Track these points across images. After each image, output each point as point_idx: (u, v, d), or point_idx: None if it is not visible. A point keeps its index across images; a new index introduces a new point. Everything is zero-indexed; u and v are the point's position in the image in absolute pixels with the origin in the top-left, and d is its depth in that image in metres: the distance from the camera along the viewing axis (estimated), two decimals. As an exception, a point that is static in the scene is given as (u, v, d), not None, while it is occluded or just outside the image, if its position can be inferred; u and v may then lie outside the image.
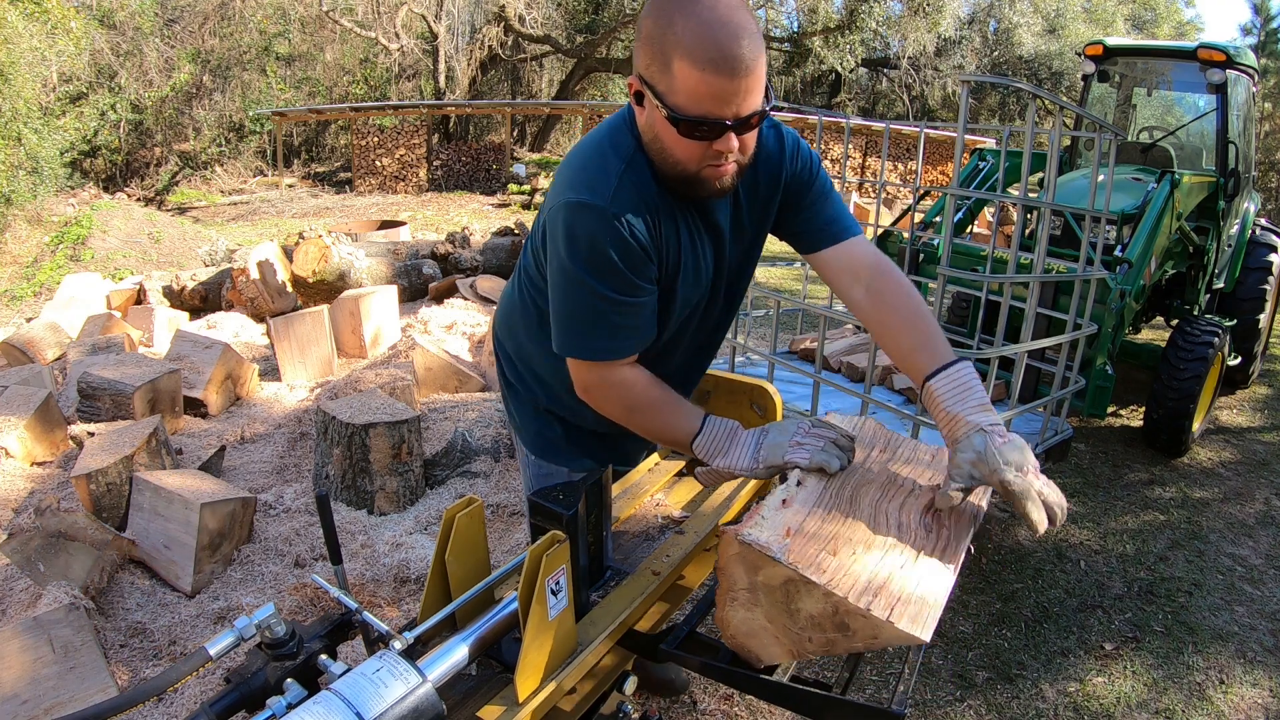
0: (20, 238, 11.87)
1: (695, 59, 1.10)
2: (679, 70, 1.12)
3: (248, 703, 0.99)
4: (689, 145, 1.18)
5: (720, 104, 1.13)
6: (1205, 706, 2.58)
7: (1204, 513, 3.90)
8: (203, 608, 2.74)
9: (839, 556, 1.08)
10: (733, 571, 1.13)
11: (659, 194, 1.29)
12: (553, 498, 1.20)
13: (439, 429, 4.21)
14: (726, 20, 1.10)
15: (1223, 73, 4.57)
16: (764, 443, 1.29)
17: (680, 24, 1.11)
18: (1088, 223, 3.04)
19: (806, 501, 1.17)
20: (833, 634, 1.07)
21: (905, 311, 1.39)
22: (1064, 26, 20.40)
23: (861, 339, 4.13)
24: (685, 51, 1.10)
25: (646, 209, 1.27)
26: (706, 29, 1.10)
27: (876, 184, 4.47)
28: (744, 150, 1.22)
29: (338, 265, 6.36)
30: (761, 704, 2.41)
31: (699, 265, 1.38)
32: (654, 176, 1.29)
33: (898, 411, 2.73)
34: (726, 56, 1.10)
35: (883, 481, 1.26)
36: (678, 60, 1.12)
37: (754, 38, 1.12)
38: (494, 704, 1.04)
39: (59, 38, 12.79)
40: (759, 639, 1.15)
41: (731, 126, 1.15)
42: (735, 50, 1.10)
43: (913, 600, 1.04)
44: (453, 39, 20.02)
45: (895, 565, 1.09)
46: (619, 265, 1.25)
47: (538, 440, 1.67)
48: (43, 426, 3.76)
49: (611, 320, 1.30)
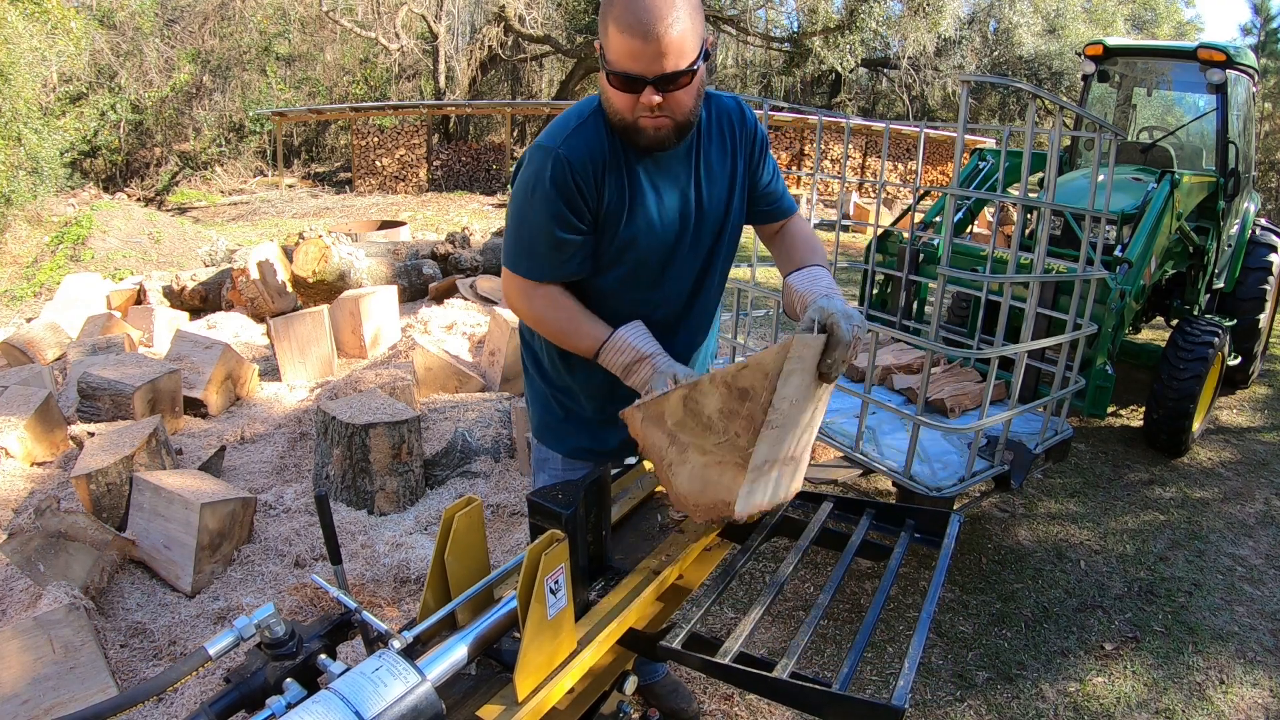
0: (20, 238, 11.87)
1: (620, 24, 1.33)
2: (610, 33, 1.36)
3: (247, 702, 0.99)
4: (621, 97, 1.41)
5: (640, 62, 1.34)
6: (1205, 706, 2.58)
7: (1204, 513, 3.90)
8: (203, 608, 2.74)
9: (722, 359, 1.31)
10: (652, 438, 1.33)
11: (611, 148, 1.50)
12: (552, 497, 1.21)
13: (439, 429, 4.22)
14: None
15: (1223, 73, 4.56)
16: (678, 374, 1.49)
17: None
18: (1088, 223, 3.04)
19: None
20: (741, 407, 1.22)
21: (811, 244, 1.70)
22: (1064, 26, 20.39)
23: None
24: (615, 18, 1.34)
25: (593, 157, 1.48)
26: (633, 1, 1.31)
27: (876, 184, 4.47)
28: (674, 107, 1.41)
29: (338, 265, 6.35)
30: (762, 704, 2.41)
31: (659, 212, 1.56)
32: (609, 132, 1.50)
33: (898, 411, 2.73)
34: (644, 22, 1.31)
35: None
36: (610, 24, 1.35)
37: (677, 8, 1.32)
38: (493, 703, 1.04)
39: (59, 38, 12.77)
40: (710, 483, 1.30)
41: (651, 82, 1.36)
42: (651, 18, 1.31)
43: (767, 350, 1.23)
44: (453, 39, 20.02)
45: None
46: (555, 197, 1.48)
47: (539, 423, 1.85)
48: (43, 426, 3.76)
49: (539, 244, 1.53)
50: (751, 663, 1.19)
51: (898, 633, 2.83)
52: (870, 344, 2.86)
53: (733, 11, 20.14)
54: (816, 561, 3.18)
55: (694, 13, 1.35)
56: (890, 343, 4.10)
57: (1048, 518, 3.75)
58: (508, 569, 1.26)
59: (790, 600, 2.96)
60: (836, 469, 3.67)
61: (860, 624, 1.23)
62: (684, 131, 1.47)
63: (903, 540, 1.46)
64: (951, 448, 3.05)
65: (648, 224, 1.56)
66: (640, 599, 1.27)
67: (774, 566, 3.10)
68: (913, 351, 3.95)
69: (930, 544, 1.48)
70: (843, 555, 1.42)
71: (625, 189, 1.52)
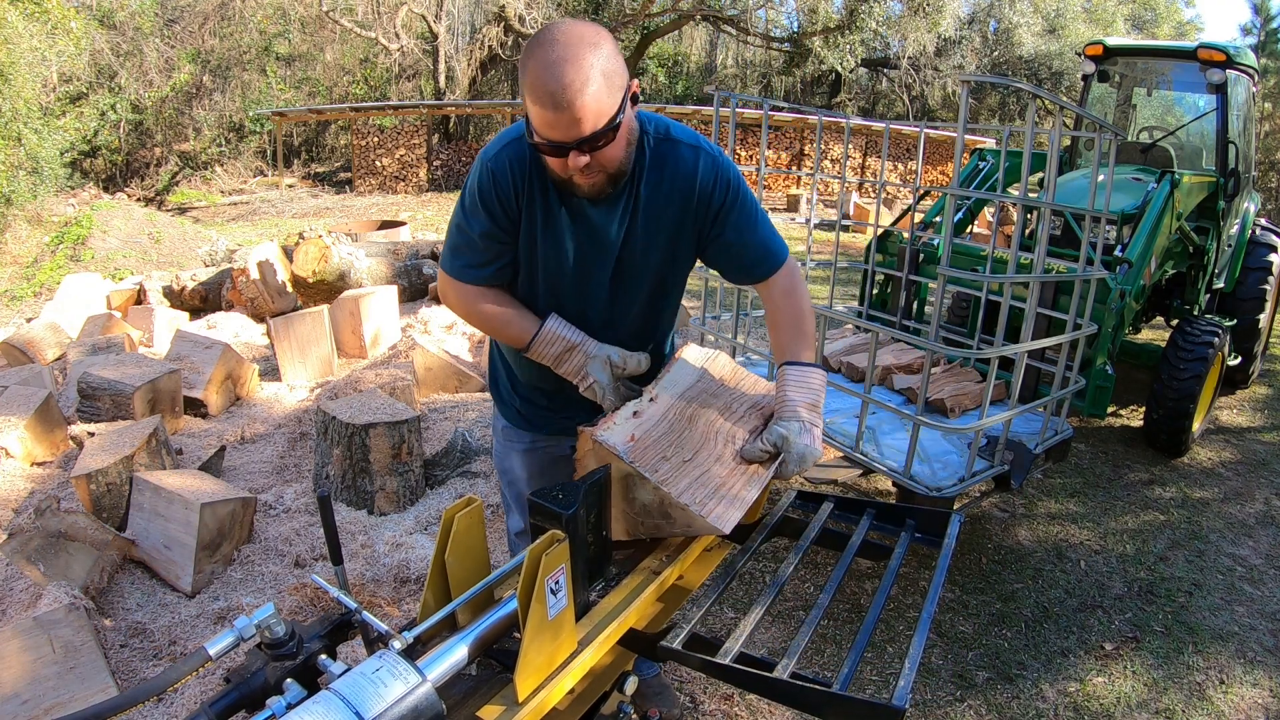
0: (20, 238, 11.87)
1: (534, 96, 1.32)
2: (527, 102, 1.35)
3: (247, 702, 0.99)
4: (551, 159, 1.41)
5: (558, 130, 1.33)
6: (1205, 706, 2.58)
7: (1204, 513, 3.90)
8: (203, 608, 2.74)
9: (670, 462, 1.36)
10: (588, 463, 1.41)
11: (533, 174, 1.52)
12: (552, 498, 1.22)
13: (439, 429, 4.22)
14: (560, 60, 1.29)
15: (1223, 73, 4.56)
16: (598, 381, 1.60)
17: (527, 66, 1.32)
18: (1088, 223, 3.04)
19: (653, 416, 1.44)
20: (659, 520, 1.36)
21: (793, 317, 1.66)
22: (1064, 26, 20.40)
23: (861, 339, 4.13)
24: (528, 89, 1.33)
25: (514, 175, 1.51)
26: (541, 70, 1.30)
27: (876, 184, 4.47)
28: (604, 163, 1.40)
29: (338, 265, 6.35)
30: (762, 704, 2.41)
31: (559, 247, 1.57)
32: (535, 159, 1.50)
33: (898, 411, 2.72)
34: (555, 93, 1.30)
35: (719, 406, 1.53)
36: (525, 95, 1.35)
37: (585, 72, 1.29)
38: (494, 704, 1.04)
39: (59, 38, 12.77)
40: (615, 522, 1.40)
41: (572, 147, 1.35)
42: (561, 88, 1.29)
43: (721, 503, 1.32)
44: (453, 39, 20.01)
45: (713, 477, 1.37)
46: (478, 203, 1.53)
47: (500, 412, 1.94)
48: (43, 426, 3.76)
49: (462, 246, 1.60)
50: (752, 663, 1.19)
51: (898, 633, 2.82)
52: (870, 344, 2.86)
53: (733, 11, 20.13)
54: (816, 561, 3.18)
55: (608, 69, 1.32)
56: (890, 343, 4.11)
57: (1048, 518, 3.75)
58: (508, 569, 1.26)
59: (790, 600, 2.96)
60: (836, 469, 3.67)
61: (860, 624, 1.23)
62: (618, 179, 1.47)
63: (903, 540, 1.46)
64: (951, 448, 3.05)
65: (547, 250, 1.57)
66: (640, 599, 1.27)
67: (774, 566, 3.10)
68: (913, 351, 3.95)
69: (930, 544, 1.48)
70: (843, 555, 1.42)
71: (540, 219, 1.55)
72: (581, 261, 1.59)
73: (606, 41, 1.35)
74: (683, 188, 1.55)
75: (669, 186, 1.55)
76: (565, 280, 1.61)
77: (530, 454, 1.91)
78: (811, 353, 1.63)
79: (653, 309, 1.72)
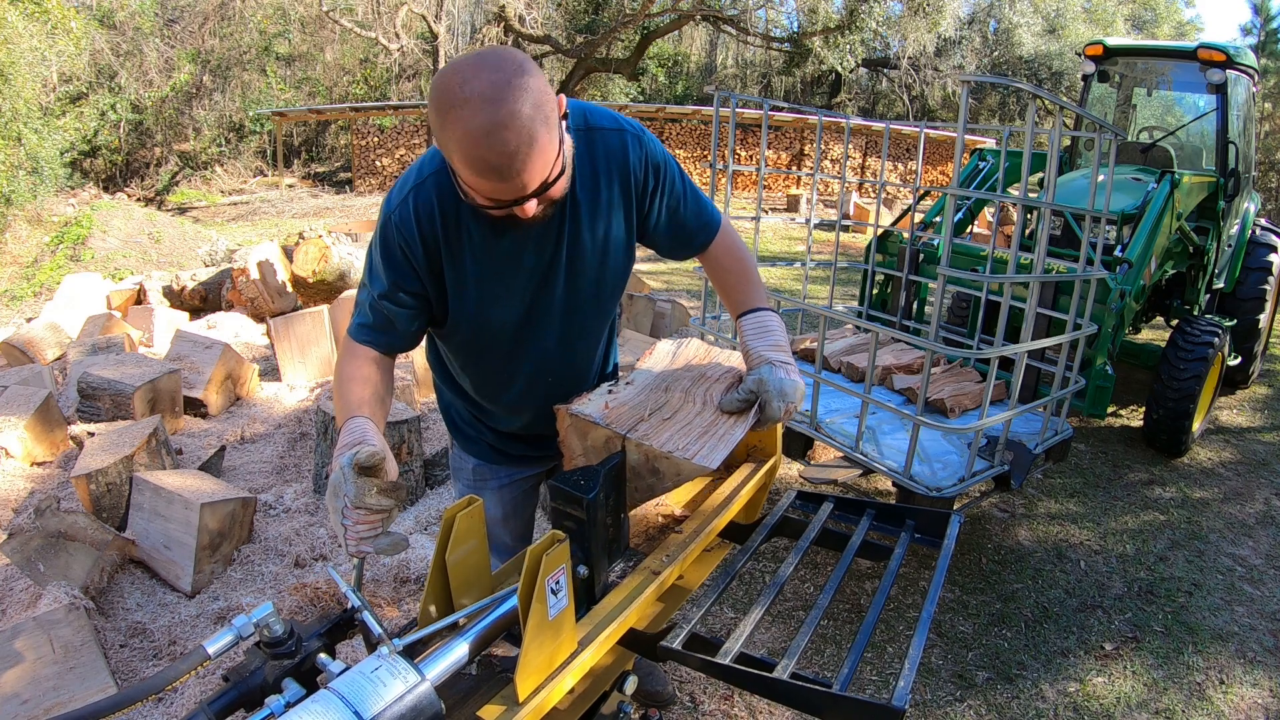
0: (20, 238, 11.87)
1: (469, 166, 1.16)
2: (459, 167, 1.19)
3: (246, 701, 0.99)
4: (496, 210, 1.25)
5: (499, 194, 1.20)
6: (1205, 706, 2.58)
7: (1204, 513, 3.90)
8: (203, 608, 2.73)
9: (648, 422, 1.35)
10: (570, 442, 1.42)
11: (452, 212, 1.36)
12: (573, 482, 1.25)
13: (439, 429, 4.22)
14: (493, 126, 1.12)
15: (1223, 73, 4.56)
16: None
17: (449, 131, 1.14)
18: (1088, 223, 3.04)
19: (629, 393, 1.45)
20: (650, 480, 1.35)
21: (737, 270, 1.64)
22: (1064, 26, 20.40)
23: (861, 339, 4.13)
24: (458, 158, 1.17)
25: (422, 224, 1.35)
26: (470, 140, 1.13)
27: (876, 184, 4.47)
28: (552, 197, 1.27)
29: (338, 265, 6.35)
30: (761, 704, 2.41)
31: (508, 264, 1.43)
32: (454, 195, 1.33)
33: (898, 411, 2.72)
34: (497, 166, 1.15)
35: (694, 375, 1.54)
36: (455, 161, 1.18)
37: (524, 129, 1.13)
38: (494, 704, 1.04)
39: (59, 38, 12.77)
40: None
41: (516, 203, 1.22)
42: (502, 161, 1.14)
43: (705, 444, 1.30)
44: (453, 39, 20.01)
45: (694, 427, 1.36)
46: (381, 263, 1.40)
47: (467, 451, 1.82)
48: (43, 426, 3.76)
49: (365, 306, 1.45)
50: (751, 663, 1.19)
51: (898, 633, 2.82)
52: (870, 344, 2.86)
53: (733, 11, 20.13)
54: (816, 561, 3.18)
55: (539, 103, 1.15)
56: (890, 343, 4.10)
57: (1048, 518, 3.75)
58: (507, 569, 1.26)
59: (790, 600, 2.96)
60: (836, 469, 3.67)
61: (860, 624, 1.23)
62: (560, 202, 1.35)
63: (903, 540, 1.46)
64: (951, 448, 3.05)
65: (510, 273, 1.44)
66: (640, 599, 1.27)
67: (774, 566, 3.10)
68: (913, 351, 3.95)
69: (930, 544, 1.48)
70: (843, 555, 1.42)
71: (479, 246, 1.40)
72: (532, 273, 1.46)
73: (525, 65, 1.16)
74: (615, 173, 1.46)
75: (604, 176, 1.45)
76: (516, 301, 1.47)
77: (506, 490, 1.82)
78: (762, 297, 1.60)
79: (603, 312, 1.61)
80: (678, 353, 1.65)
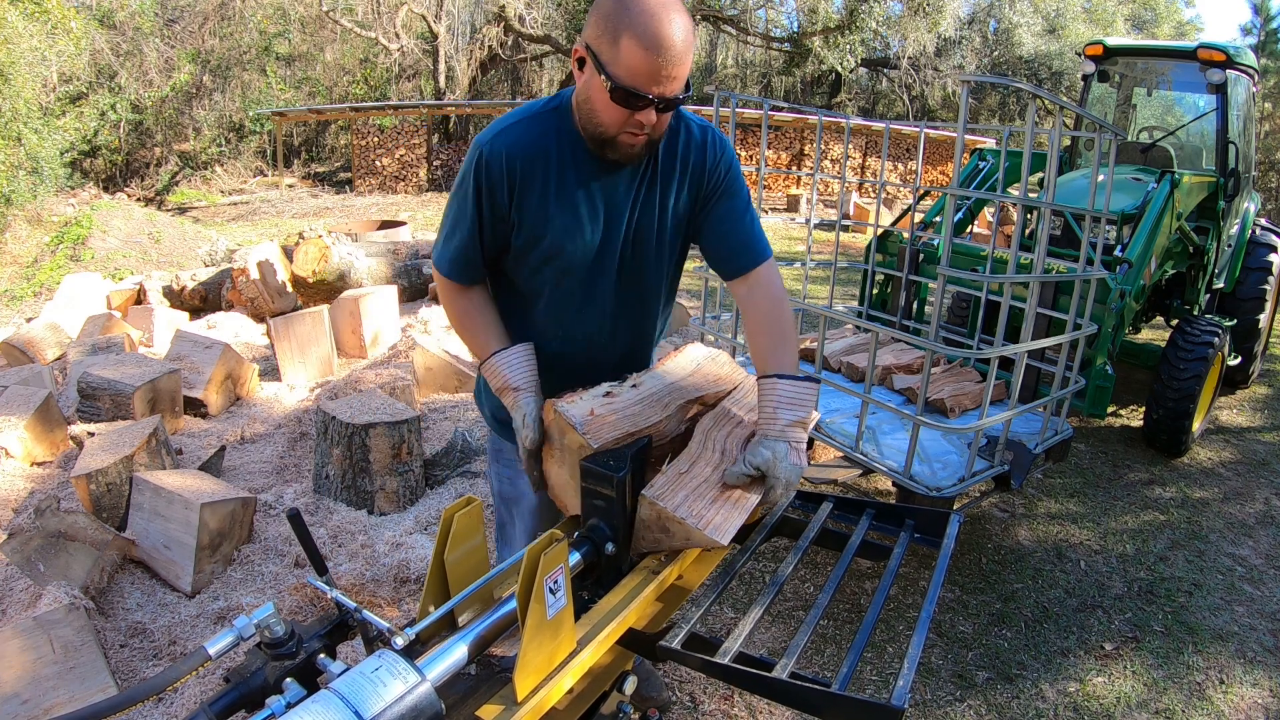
0: (20, 238, 11.86)
1: (640, 38, 1.28)
2: (625, 46, 1.30)
3: (247, 702, 0.99)
4: (616, 111, 1.36)
5: (652, 81, 1.32)
6: (1205, 706, 2.58)
7: (1204, 513, 3.90)
8: (203, 608, 2.74)
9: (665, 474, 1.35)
10: (552, 433, 1.43)
11: (551, 151, 1.47)
12: (603, 462, 1.30)
13: (439, 429, 4.22)
14: (673, 12, 1.29)
15: (1223, 73, 4.56)
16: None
17: (635, 6, 1.29)
18: (1088, 223, 3.04)
19: (627, 399, 1.43)
20: (658, 534, 1.33)
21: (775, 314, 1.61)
22: (1064, 26, 20.39)
23: (861, 339, 4.13)
24: (632, 29, 1.29)
25: (517, 156, 1.46)
26: (655, 16, 1.28)
27: (876, 184, 4.47)
28: (657, 129, 1.41)
29: (338, 265, 6.35)
30: (761, 703, 2.41)
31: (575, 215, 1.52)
32: (555, 134, 1.48)
33: (898, 411, 2.72)
34: (668, 42, 1.29)
35: (718, 415, 1.51)
36: (625, 36, 1.30)
37: (690, 33, 1.32)
38: (493, 703, 1.04)
39: (59, 38, 12.77)
40: (567, 492, 1.43)
41: (655, 103, 1.34)
42: (674, 39, 1.29)
43: (718, 515, 1.30)
44: (453, 39, 20.02)
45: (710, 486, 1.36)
46: (469, 190, 1.50)
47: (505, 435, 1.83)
48: (43, 426, 3.76)
49: (452, 236, 1.56)
50: (751, 663, 1.19)
51: (898, 633, 2.82)
52: (870, 344, 2.86)
53: (733, 11, 20.14)
54: (816, 561, 3.18)
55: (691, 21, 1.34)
56: (890, 343, 4.11)
57: (1048, 518, 3.75)
58: (506, 568, 1.26)
59: (790, 600, 2.96)
60: (836, 469, 3.67)
61: (860, 624, 1.23)
62: (653, 148, 1.48)
63: (902, 540, 1.46)
64: (951, 448, 3.05)
65: (574, 234, 1.53)
66: (640, 599, 1.27)
67: (774, 566, 3.10)
68: (913, 351, 3.95)
69: (930, 544, 1.48)
70: (843, 555, 1.42)
71: (552, 196, 1.49)
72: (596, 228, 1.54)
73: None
74: (691, 160, 1.57)
75: (680, 159, 1.56)
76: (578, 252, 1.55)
77: None
78: (796, 361, 1.57)
79: (660, 275, 1.67)
80: (701, 365, 1.61)
